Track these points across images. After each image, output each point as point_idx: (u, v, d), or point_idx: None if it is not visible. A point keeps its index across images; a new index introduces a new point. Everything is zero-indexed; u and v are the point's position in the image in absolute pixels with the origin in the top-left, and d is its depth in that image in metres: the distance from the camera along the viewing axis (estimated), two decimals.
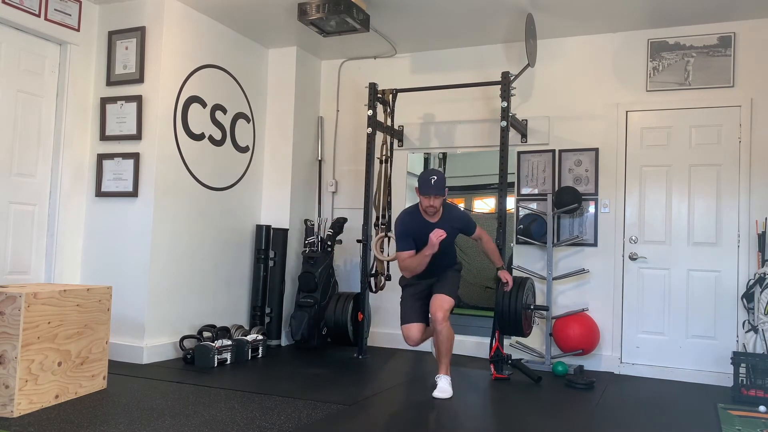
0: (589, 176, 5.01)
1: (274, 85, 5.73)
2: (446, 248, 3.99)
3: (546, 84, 5.20)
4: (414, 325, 3.99)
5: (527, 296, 4.46)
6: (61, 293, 3.41)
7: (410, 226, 3.94)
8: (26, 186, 4.40)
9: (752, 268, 4.50)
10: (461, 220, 4.07)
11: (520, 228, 5.06)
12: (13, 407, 3.13)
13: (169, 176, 4.67)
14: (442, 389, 3.83)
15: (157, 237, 4.57)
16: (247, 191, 5.51)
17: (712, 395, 4.18)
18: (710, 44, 4.73)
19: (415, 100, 5.51)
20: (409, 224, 3.95)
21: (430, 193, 3.79)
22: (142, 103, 4.59)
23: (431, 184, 3.79)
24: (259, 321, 5.37)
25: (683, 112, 4.79)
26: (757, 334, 4.17)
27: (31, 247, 4.44)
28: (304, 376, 4.28)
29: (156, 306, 4.56)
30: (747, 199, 4.57)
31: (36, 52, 4.43)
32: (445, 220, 3.93)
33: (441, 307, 3.87)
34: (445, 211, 3.96)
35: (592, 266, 4.94)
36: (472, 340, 5.37)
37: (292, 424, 3.12)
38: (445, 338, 3.89)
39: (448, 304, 3.91)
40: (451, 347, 3.95)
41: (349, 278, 5.75)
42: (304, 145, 5.80)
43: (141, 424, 3.05)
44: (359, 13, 4.48)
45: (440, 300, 3.90)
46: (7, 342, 3.15)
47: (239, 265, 5.39)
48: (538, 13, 4.71)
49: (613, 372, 4.82)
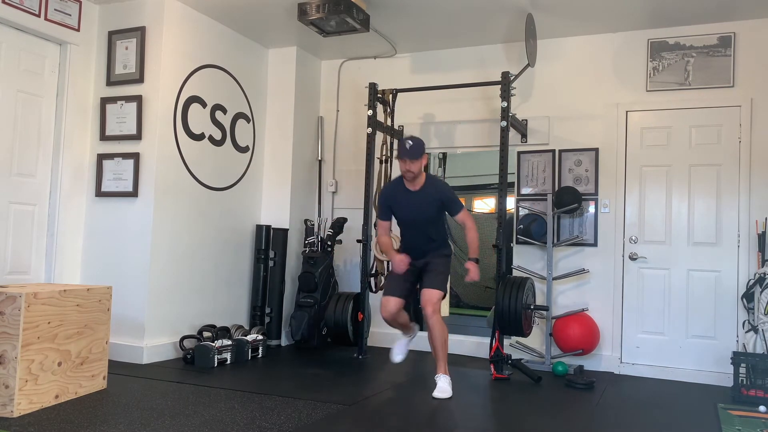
0: (589, 176, 5.01)
1: (274, 85, 5.73)
2: (429, 225, 3.99)
3: (546, 84, 5.20)
4: (392, 298, 3.99)
5: (527, 296, 4.46)
6: (61, 293, 3.41)
7: (391, 193, 4.02)
8: (26, 186, 4.40)
9: (752, 268, 4.50)
10: (444, 192, 3.98)
11: (520, 228, 5.06)
12: (13, 407, 3.13)
13: (169, 176, 4.67)
14: (442, 389, 3.83)
15: (157, 237, 4.57)
16: (247, 191, 5.51)
17: (712, 395, 4.18)
18: (710, 44, 4.73)
19: (415, 100, 5.52)
20: (389, 192, 4.04)
21: (406, 157, 3.83)
22: (142, 103, 4.59)
23: (407, 148, 3.83)
24: (259, 321, 5.37)
25: (683, 112, 4.79)
26: (757, 334, 4.18)
27: (31, 247, 4.44)
28: (304, 376, 4.29)
29: (156, 306, 4.56)
30: (747, 199, 4.57)
31: (36, 52, 4.43)
32: (426, 189, 3.95)
33: (430, 301, 3.89)
34: (428, 181, 3.97)
35: (592, 266, 4.94)
36: (472, 340, 5.37)
37: (292, 424, 3.12)
38: (438, 333, 3.89)
39: (436, 297, 3.92)
40: (445, 344, 3.93)
41: (349, 278, 5.75)
42: (304, 145, 5.80)
43: (141, 424, 3.05)
44: (359, 13, 4.49)
45: (428, 294, 3.92)
46: (7, 342, 3.15)
47: (239, 265, 5.39)
48: (538, 13, 4.71)
49: (613, 372, 4.82)
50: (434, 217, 3.99)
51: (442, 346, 3.91)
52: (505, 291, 4.40)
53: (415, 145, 3.84)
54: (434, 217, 3.98)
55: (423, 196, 3.94)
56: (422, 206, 3.94)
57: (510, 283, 4.46)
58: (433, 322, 3.87)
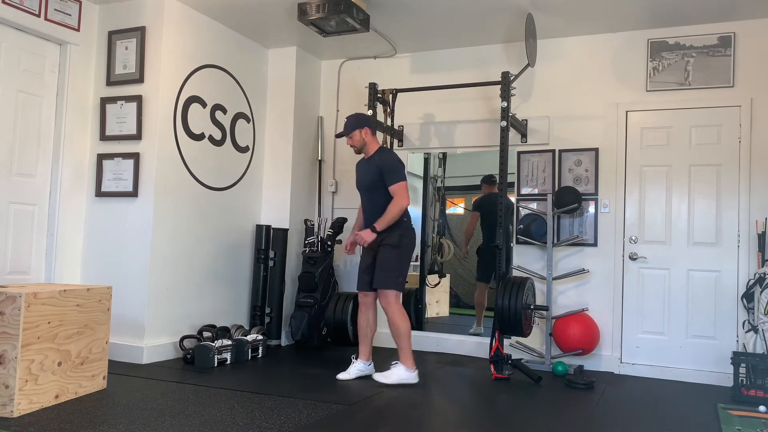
0: (589, 176, 5.01)
1: (274, 85, 5.73)
2: (373, 194, 4.17)
3: (546, 84, 5.20)
4: (360, 292, 4.26)
5: (527, 296, 4.46)
6: (61, 293, 3.41)
7: (358, 165, 4.36)
8: (26, 186, 4.40)
9: (752, 268, 4.50)
10: (385, 162, 4.12)
11: (520, 228, 5.06)
12: (13, 407, 3.13)
13: (169, 176, 4.67)
14: (385, 374, 4.05)
15: (157, 237, 4.57)
16: (247, 191, 5.51)
17: (712, 395, 4.18)
18: (710, 44, 4.73)
19: (415, 100, 5.52)
20: (358, 164, 4.37)
21: (343, 134, 4.25)
22: (142, 103, 4.59)
23: (344, 125, 4.25)
24: (259, 321, 5.37)
25: (683, 112, 4.79)
26: (757, 334, 4.18)
27: (31, 247, 4.44)
28: (304, 376, 4.28)
29: (156, 306, 4.56)
30: (747, 199, 4.57)
31: (36, 52, 4.43)
32: (373, 157, 4.20)
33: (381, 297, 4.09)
34: (378, 151, 4.23)
35: (592, 266, 4.94)
36: (472, 340, 5.37)
37: (292, 424, 3.12)
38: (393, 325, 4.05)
39: (384, 296, 4.06)
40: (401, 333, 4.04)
41: (349, 278, 5.75)
42: (304, 145, 5.80)
43: (141, 424, 3.05)
44: (359, 13, 4.49)
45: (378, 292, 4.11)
46: (7, 342, 3.15)
47: (239, 265, 5.39)
48: (538, 13, 4.71)
49: (613, 372, 4.82)
50: (376, 184, 4.12)
51: (399, 336, 4.04)
52: (505, 291, 4.40)
53: (347, 122, 4.22)
54: (375, 183, 4.12)
55: (369, 163, 4.21)
56: (366, 173, 4.21)
57: (510, 283, 4.46)
58: (388, 316, 4.06)
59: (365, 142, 4.21)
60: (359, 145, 4.22)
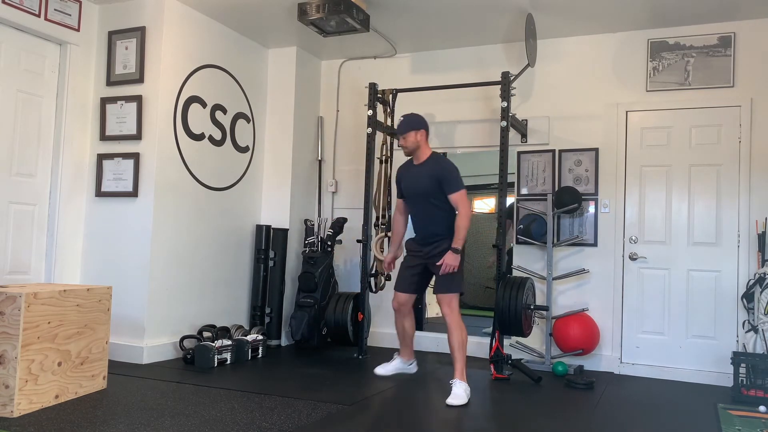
0: (589, 176, 5.01)
1: (274, 85, 5.73)
2: (428, 202, 3.96)
3: (546, 84, 5.20)
4: (402, 294, 4.12)
5: (527, 296, 4.46)
6: (61, 293, 3.41)
7: (401, 169, 4.17)
8: (26, 186, 4.40)
9: (752, 268, 4.50)
10: (443, 169, 3.94)
11: (520, 228, 5.06)
12: (13, 407, 3.13)
13: (169, 176, 4.67)
14: (455, 395, 3.70)
15: (157, 237, 4.57)
16: (247, 191, 5.51)
17: (712, 395, 4.18)
18: (710, 44, 4.73)
19: (415, 100, 5.51)
20: (401, 167, 4.19)
21: (396, 133, 4.09)
22: (142, 103, 4.59)
23: (398, 123, 4.04)
24: (259, 321, 5.37)
25: (683, 112, 4.79)
26: (757, 334, 4.18)
27: (31, 247, 4.44)
28: (304, 376, 4.29)
29: (156, 306, 4.56)
30: (747, 199, 4.57)
31: (36, 52, 4.43)
32: (427, 163, 4.00)
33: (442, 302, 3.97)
34: (432, 156, 4.03)
35: (592, 266, 4.94)
36: (472, 340, 5.31)
37: (292, 424, 3.12)
38: (452, 335, 3.87)
39: (447, 300, 3.93)
40: (462, 347, 3.85)
41: (349, 278, 5.75)
42: (304, 145, 5.80)
43: (141, 424, 3.05)
44: (359, 13, 4.49)
45: (438, 298, 3.99)
46: (7, 342, 3.15)
47: (239, 265, 5.39)
48: (538, 13, 4.71)
49: (613, 372, 4.82)
50: (431, 192, 3.92)
51: (458, 348, 3.85)
52: (505, 291, 4.40)
53: (403, 121, 4.00)
54: (431, 191, 3.92)
55: (423, 169, 3.99)
56: (420, 179, 3.97)
57: (510, 283, 4.46)
58: (447, 323, 3.91)
59: (419, 146, 3.97)
60: (412, 147, 3.97)
